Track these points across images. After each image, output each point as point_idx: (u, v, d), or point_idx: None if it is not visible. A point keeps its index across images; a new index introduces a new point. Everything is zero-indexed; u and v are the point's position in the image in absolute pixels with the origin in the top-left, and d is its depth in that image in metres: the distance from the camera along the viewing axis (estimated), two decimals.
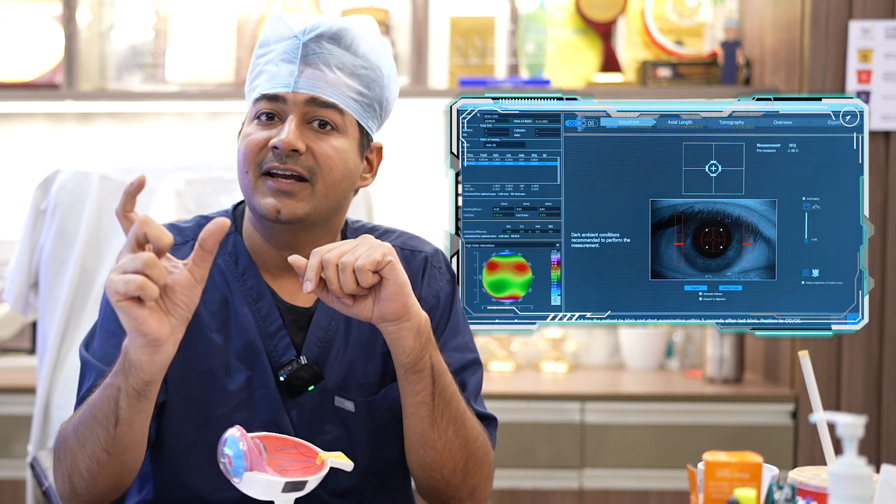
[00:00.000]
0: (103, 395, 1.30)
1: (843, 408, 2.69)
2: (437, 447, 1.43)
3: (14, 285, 2.23)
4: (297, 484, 1.24)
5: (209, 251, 1.23)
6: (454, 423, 1.42)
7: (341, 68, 1.46)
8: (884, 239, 2.71)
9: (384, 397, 1.51)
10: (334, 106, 1.45)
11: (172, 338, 1.23)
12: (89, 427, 1.31)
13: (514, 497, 2.76)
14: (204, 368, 1.47)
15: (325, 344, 1.51)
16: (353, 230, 1.59)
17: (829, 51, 2.72)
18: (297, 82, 1.44)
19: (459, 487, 1.46)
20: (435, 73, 3.19)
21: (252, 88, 1.49)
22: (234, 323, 1.49)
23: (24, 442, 2.63)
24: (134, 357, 1.24)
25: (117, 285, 1.17)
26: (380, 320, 1.36)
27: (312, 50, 1.45)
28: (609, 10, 3.20)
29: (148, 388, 1.27)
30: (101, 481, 1.34)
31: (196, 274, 1.23)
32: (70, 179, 2.16)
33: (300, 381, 1.48)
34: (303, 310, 1.52)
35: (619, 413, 2.76)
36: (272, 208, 1.43)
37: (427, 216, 3.22)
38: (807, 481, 1.22)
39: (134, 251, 1.19)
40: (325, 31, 1.46)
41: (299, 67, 1.44)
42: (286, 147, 1.42)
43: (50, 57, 3.12)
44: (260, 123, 1.46)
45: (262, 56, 1.49)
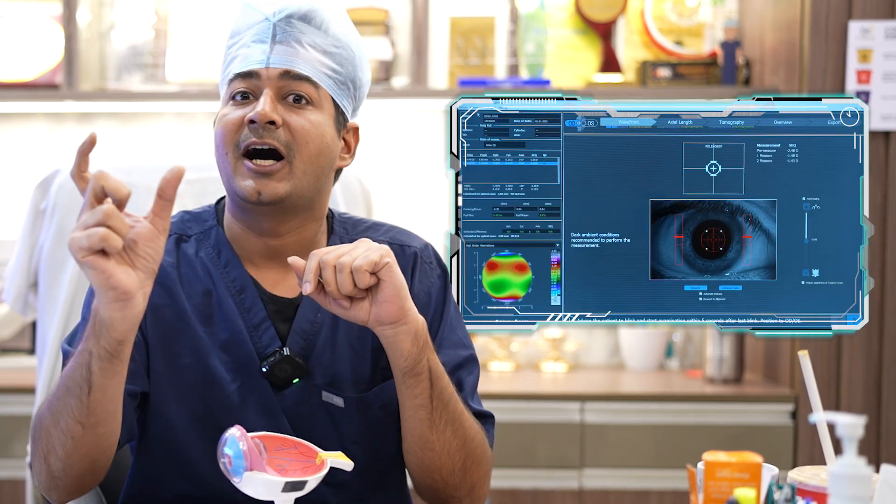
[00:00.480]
0: (75, 363, 1.28)
1: (843, 408, 2.69)
2: (435, 449, 1.42)
3: (14, 285, 2.23)
4: (297, 484, 1.24)
5: (168, 200, 1.23)
6: (452, 424, 1.42)
7: (313, 46, 1.47)
8: (884, 239, 2.71)
9: (377, 395, 1.50)
10: (308, 79, 1.45)
11: (142, 291, 1.22)
12: (63, 400, 1.29)
13: (514, 497, 2.76)
14: (191, 361, 1.47)
15: (310, 337, 1.49)
16: (340, 222, 1.58)
17: (829, 51, 2.72)
18: (269, 58, 1.44)
19: (458, 486, 1.46)
20: (435, 73, 3.19)
21: (226, 75, 1.50)
22: (218, 315, 1.48)
23: (24, 442, 2.63)
24: (105, 315, 1.22)
25: (80, 241, 1.17)
26: (376, 324, 1.36)
27: (283, 29, 1.46)
28: (609, 10, 3.20)
29: (120, 349, 1.25)
30: (76, 458, 1.32)
31: (158, 225, 1.23)
32: (70, 179, 2.16)
33: (283, 372, 1.47)
34: (286, 300, 1.51)
35: (618, 413, 2.76)
36: (252, 190, 1.43)
37: (427, 216, 3.22)
38: (806, 481, 1.22)
39: (93, 207, 1.19)
40: (295, 12, 1.47)
41: (271, 45, 1.45)
42: (262, 119, 1.42)
43: (50, 57, 3.12)
44: (235, 104, 1.46)
45: (233, 45, 1.50)
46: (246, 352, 1.47)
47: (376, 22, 3.18)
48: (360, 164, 3.01)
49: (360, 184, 2.17)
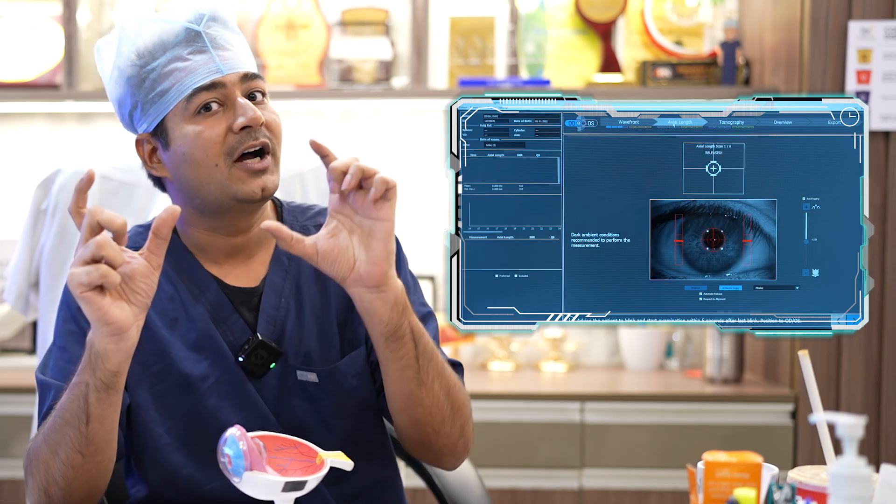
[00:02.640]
0: (71, 395, 1.31)
1: (843, 408, 2.69)
2: (425, 403, 1.44)
3: (14, 285, 2.24)
4: (297, 483, 1.24)
5: (163, 238, 1.27)
6: (438, 377, 1.44)
7: (234, 43, 1.49)
8: (884, 239, 2.71)
9: (349, 365, 1.53)
10: (258, 76, 1.49)
11: (136, 324, 1.27)
12: (60, 431, 1.32)
13: (514, 497, 2.76)
14: (162, 367, 1.48)
15: (277, 321, 1.52)
16: (289, 210, 1.61)
17: (829, 51, 2.72)
18: (219, 65, 1.45)
19: (450, 433, 1.48)
20: (435, 74, 3.19)
21: (160, 94, 1.45)
22: (184, 318, 1.50)
23: (24, 442, 2.63)
24: (100, 347, 1.26)
25: (80, 277, 1.21)
26: (357, 284, 1.36)
27: (210, 35, 1.46)
28: (609, 10, 3.20)
29: (115, 380, 1.29)
30: (76, 486, 1.35)
31: (153, 262, 1.27)
32: (71, 179, 2.16)
33: (259, 359, 1.49)
34: (249, 290, 1.53)
35: (618, 413, 2.76)
36: (258, 188, 1.46)
37: (427, 216, 3.23)
38: (807, 481, 1.22)
39: (87, 241, 1.22)
40: (210, 14, 1.48)
41: (213, 52, 1.45)
42: (258, 122, 1.45)
43: (50, 57, 3.12)
44: (203, 117, 1.45)
45: (158, 62, 1.45)
46: (217, 347, 1.49)
47: (376, 22, 3.18)
48: None
49: None
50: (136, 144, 1.51)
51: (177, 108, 1.45)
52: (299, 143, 1.54)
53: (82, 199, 1.27)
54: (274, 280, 1.54)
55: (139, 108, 1.47)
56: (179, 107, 1.45)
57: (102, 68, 1.52)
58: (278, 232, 1.34)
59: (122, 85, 1.48)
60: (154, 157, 1.51)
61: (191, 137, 1.45)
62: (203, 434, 1.47)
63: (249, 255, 1.55)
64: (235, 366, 1.49)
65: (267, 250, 1.56)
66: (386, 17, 3.19)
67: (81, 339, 1.45)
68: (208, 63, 1.44)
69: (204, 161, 1.45)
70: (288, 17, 3.18)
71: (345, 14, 3.20)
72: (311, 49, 3.18)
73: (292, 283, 1.54)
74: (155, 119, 1.46)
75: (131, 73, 1.46)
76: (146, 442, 1.50)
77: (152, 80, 1.45)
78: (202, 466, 1.48)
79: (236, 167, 1.45)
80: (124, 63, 1.47)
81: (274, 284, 1.53)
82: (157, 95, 1.45)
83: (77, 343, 1.45)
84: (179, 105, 1.45)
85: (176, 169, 1.47)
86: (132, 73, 1.46)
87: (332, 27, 3.19)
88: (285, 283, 1.54)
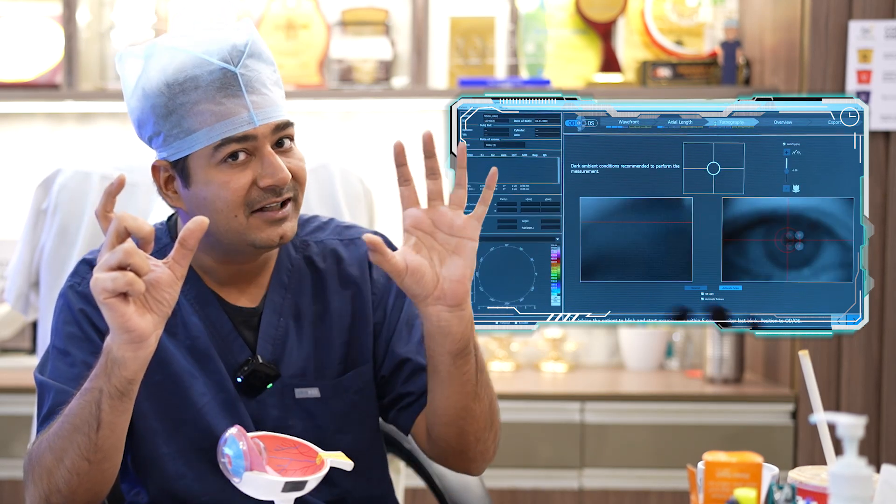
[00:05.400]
0: (82, 401, 1.30)
1: (843, 408, 2.69)
2: (476, 414, 1.45)
3: (15, 285, 2.23)
4: (297, 484, 1.24)
5: (190, 249, 1.24)
6: (486, 387, 1.46)
7: (271, 82, 1.45)
8: (884, 239, 2.71)
9: (352, 380, 1.53)
10: (289, 123, 1.46)
11: (156, 333, 1.25)
12: (68, 437, 1.31)
13: (514, 497, 2.76)
14: (160, 379, 1.48)
15: (277, 341, 1.52)
16: None
17: (829, 51, 2.72)
18: (253, 115, 1.41)
19: (486, 439, 1.49)
20: (435, 74, 3.19)
21: (187, 132, 1.41)
22: (182, 332, 1.50)
23: (24, 442, 2.63)
24: (118, 354, 1.25)
25: (105, 283, 1.20)
26: (437, 302, 1.35)
27: (245, 78, 1.41)
28: (609, 10, 3.20)
29: (130, 387, 1.28)
30: (80, 494, 1.34)
31: (177, 272, 1.25)
32: (71, 179, 2.16)
33: (258, 380, 1.50)
34: (250, 310, 1.53)
35: (619, 413, 2.76)
36: (276, 236, 1.44)
37: None
38: (807, 481, 1.22)
39: (114, 247, 1.21)
40: (247, 50, 1.42)
41: (247, 98, 1.41)
42: (284, 183, 1.42)
43: (50, 57, 3.12)
44: (229, 166, 1.41)
45: (183, 98, 1.40)
46: (214, 366, 1.50)
47: (376, 22, 3.18)
48: (360, 165, 3.01)
49: (361, 184, 2.17)
50: (153, 170, 1.46)
51: (202, 151, 1.41)
52: (299, 143, 1.53)
53: (110, 203, 1.24)
54: (274, 299, 1.54)
55: (161, 136, 1.43)
56: (206, 151, 1.41)
57: (125, 78, 1.46)
58: (378, 247, 1.32)
59: (146, 110, 1.42)
60: (171, 186, 1.47)
61: (214, 186, 1.41)
62: (200, 448, 1.48)
63: (253, 278, 1.55)
64: (231, 385, 1.50)
65: (268, 269, 1.55)
66: (386, 17, 3.19)
67: (83, 343, 1.45)
68: (241, 111, 1.40)
69: (224, 210, 1.42)
70: (288, 16, 3.18)
71: (345, 14, 3.20)
72: (311, 49, 3.18)
73: (292, 302, 1.54)
74: (177, 153, 1.42)
75: (157, 102, 1.41)
76: (146, 450, 1.50)
77: (179, 115, 1.40)
78: (200, 478, 1.48)
79: (255, 216, 1.43)
80: (150, 87, 1.41)
81: (274, 304, 1.53)
82: (184, 133, 1.41)
83: (78, 346, 1.45)
84: (206, 149, 1.41)
85: (194, 209, 1.44)
86: (158, 101, 1.41)
87: (332, 27, 3.19)
88: (285, 301, 1.54)
